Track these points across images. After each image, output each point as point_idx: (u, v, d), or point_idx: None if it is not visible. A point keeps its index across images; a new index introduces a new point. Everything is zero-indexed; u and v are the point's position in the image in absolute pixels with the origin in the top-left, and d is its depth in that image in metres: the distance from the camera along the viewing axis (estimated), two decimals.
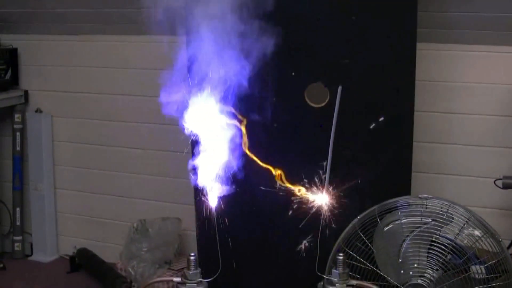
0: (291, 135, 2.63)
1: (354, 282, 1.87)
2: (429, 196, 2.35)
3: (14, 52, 3.86)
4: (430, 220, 2.30)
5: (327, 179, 2.35)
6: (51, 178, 3.96)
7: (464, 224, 2.27)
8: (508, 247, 2.38)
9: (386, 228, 2.35)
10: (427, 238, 2.30)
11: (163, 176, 3.68)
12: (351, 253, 2.37)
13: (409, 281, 2.31)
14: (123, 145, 3.79)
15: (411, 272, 2.31)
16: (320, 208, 2.06)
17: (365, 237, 2.37)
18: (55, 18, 3.68)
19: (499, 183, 2.63)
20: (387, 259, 2.35)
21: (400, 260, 2.31)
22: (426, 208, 2.33)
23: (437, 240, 2.29)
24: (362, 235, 2.37)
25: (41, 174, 3.91)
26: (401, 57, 2.56)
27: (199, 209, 2.57)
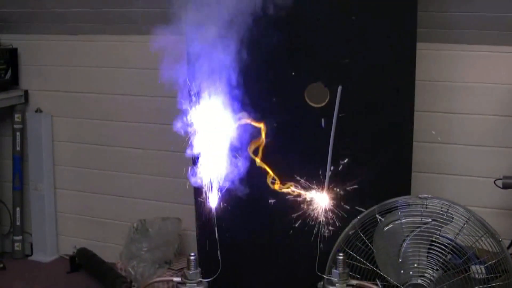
0: (291, 135, 2.63)
1: (354, 282, 1.87)
2: (429, 196, 2.35)
3: (14, 52, 3.86)
4: (430, 220, 2.30)
5: (327, 179, 2.35)
6: (51, 178, 3.96)
7: (464, 224, 2.27)
8: (508, 247, 2.37)
9: (386, 228, 2.35)
10: (427, 238, 2.30)
11: (163, 176, 3.68)
12: (351, 253, 2.37)
13: (409, 281, 2.31)
14: (123, 145, 3.78)
15: (411, 272, 2.31)
16: (320, 208, 2.06)
17: (365, 237, 2.37)
18: (55, 18, 3.68)
19: (499, 183, 2.63)
20: (387, 259, 2.35)
21: (400, 260, 2.31)
22: (426, 208, 2.33)
23: (437, 240, 2.29)
24: (362, 235, 2.37)
25: (41, 174, 3.90)
26: (401, 57, 2.56)
27: (199, 209, 2.57)
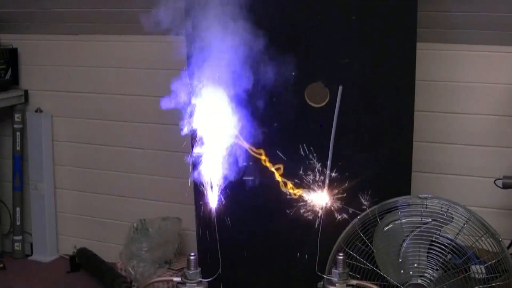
0: (291, 135, 2.63)
1: (354, 282, 1.87)
2: (429, 196, 2.35)
3: (14, 52, 3.86)
4: (430, 220, 2.30)
5: (327, 179, 2.35)
6: (51, 178, 3.96)
7: (464, 224, 2.27)
8: (508, 247, 2.37)
9: (386, 228, 2.35)
10: (427, 238, 2.30)
11: (163, 176, 3.68)
12: (351, 253, 2.37)
13: (409, 281, 2.31)
14: (123, 145, 3.78)
15: (411, 272, 2.31)
16: (320, 207, 2.06)
17: (365, 237, 2.37)
18: (55, 18, 3.68)
19: (499, 183, 2.63)
20: (387, 259, 2.35)
21: (400, 260, 2.31)
22: (426, 208, 2.33)
23: (437, 240, 2.29)
24: (362, 235, 2.37)
25: (41, 174, 3.90)
26: (401, 57, 2.56)
27: (199, 209, 2.57)
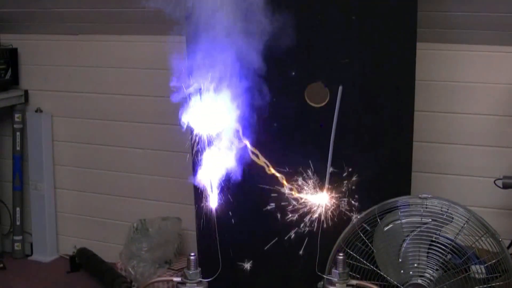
0: (291, 135, 2.63)
1: (354, 282, 1.88)
2: (429, 196, 2.35)
3: (14, 52, 3.86)
4: (430, 220, 2.30)
5: (327, 178, 2.35)
6: (51, 178, 3.96)
7: (464, 224, 2.27)
8: (508, 247, 2.37)
9: (386, 228, 2.35)
10: (427, 238, 2.30)
11: (163, 176, 3.68)
12: (351, 253, 2.37)
13: (409, 281, 2.31)
14: (123, 145, 3.78)
15: (411, 272, 2.31)
16: (320, 207, 2.06)
17: (365, 237, 2.37)
18: (55, 18, 3.68)
19: (499, 183, 2.63)
20: (387, 259, 2.35)
21: (400, 260, 2.31)
22: (426, 208, 2.33)
23: (437, 240, 2.29)
24: (362, 235, 2.37)
25: (41, 174, 3.90)
26: (401, 57, 2.56)
27: (199, 209, 2.57)
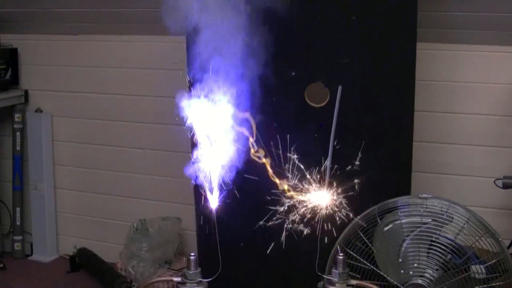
0: (291, 135, 2.63)
1: (354, 282, 1.87)
2: (429, 196, 2.35)
3: (14, 52, 3.86)
4: (430, 220, 2.30)
5: (327, 179, 2.35)
6: (51, 178, 3.96)
7: (464, 224, 2.27)
8: (508, 247, 2.37)
9: (386, 228, 2.35)
10: (427, 238, 2.30)
11: (163, 176, 3.68)
12: (351, 253, 2.37)
13: (409, 281, 2.31)
14: (123, 145, 3.78)
15: (411, 272, 2.31)
16: (320, 207, 2.06)
17: (365, 237, 2.37)
18: (55, 18, 3.68)
19: (499, 183, 2.63)
20: (387, 259, 2.35)
21: (400, 260, 2.31)
22: (426, 208, 2.33)
23: (437, 240, 2.29)
24: (362, 235, 2.37)
25: (41, 174, 3.90)
26: (401, 57, 2.56)
27: (199, 209, 2.57)
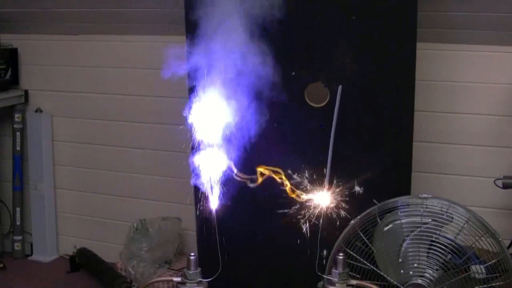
0: (291, 135, 2.63)
1: (354, 282, 1.87)
2: (429, 196, 2.35)
3: (14, 52, 3.86)
4: (430, 220, 2.30)
5: (327, 179, 2.35)
6: (51, 178, 3.96)
7: (464, 224, 2.27)
8: (508, 247, 2.37)
9: (386, 228, 2.35)
10: (427, 238, 2.30)
11: (163, 176, 3.68)
12: (351, 253, 2.37)
13: (409, 281, 2.31)
14: (123, 145, 3.78)
15: (411, 272, 2.31)
16: (320, 207, 2.06)
17: (365, 237, 2.37)
18: (55, 18, 3.68)
19: (499, 183, 2.63)
20: (387, 259, 2.35)
21: (400, 260, 2.31)
22: (426, 208, 2.33)
23: (437, 240, 2.29)
24: (362, 235, 2.37)
25: (41, 174, 3.90)
26: (401, 57, 2.56)
27: (199, 209, 2.57)
